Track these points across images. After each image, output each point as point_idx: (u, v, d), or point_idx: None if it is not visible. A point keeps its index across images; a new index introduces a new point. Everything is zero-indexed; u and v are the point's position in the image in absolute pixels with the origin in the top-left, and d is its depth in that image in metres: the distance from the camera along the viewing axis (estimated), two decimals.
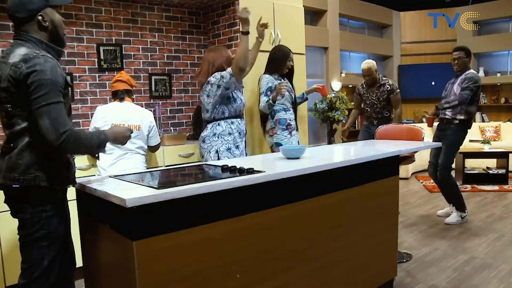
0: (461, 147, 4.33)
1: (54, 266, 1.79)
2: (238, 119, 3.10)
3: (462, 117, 4.02)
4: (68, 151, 1.75)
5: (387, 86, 4.47)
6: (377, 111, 4.53)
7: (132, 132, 2.03)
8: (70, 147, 1.66)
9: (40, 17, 1.72)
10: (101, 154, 2.83)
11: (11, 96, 1.66)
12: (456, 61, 4.06)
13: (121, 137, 1.95)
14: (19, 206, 1.75)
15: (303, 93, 3.80)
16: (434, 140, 4.28)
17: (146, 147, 3.05)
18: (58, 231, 1.80)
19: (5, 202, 1.80)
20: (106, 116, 2.88)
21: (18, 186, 1.71)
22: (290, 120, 3.47)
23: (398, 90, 4.52)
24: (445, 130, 4.11)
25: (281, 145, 3.36)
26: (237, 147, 3.07)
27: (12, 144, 1.72)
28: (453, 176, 4.35)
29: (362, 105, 4.75)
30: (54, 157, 1.76)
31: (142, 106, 3.91)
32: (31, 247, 1.76)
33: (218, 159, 2.96)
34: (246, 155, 3.24)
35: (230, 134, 3.03)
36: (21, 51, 1.66)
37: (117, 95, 3.02)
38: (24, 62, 1.62)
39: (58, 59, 1.80)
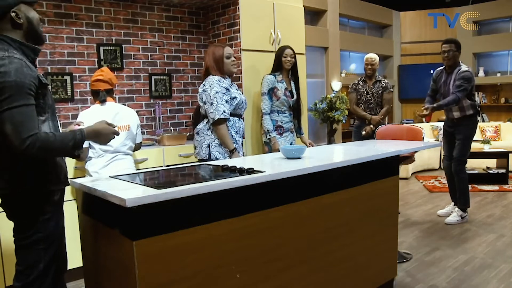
0: None
1: (50, 269, 1.77)
2: (236, 118, 3.09)
3: (471, 112, 4.08)
4: (37, 156, 1.60)
5: (383, 83, 4.53)
6: (371, 107, 4.54)
7: (118, 134, 1.89)
8: (36, 152, 1.55)
9: (13, 14, 1.63)
10: (92, 158, 2.81)
11: None
12: (446, 54, 4.02)
13: (103, 136, 1.80)
14: (15, 210, 1.72)
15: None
16: (443, 136, 4.35)
17: (134, 146, 3.03)
18: (55, 234, 1.79)
19: (0, 205, 1.78)
20: (94, 122, 2.84)
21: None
22: (281, 122, 3.56)
23: (392, 90, 4.63)
24: (457, 126, 4.15)
25: (268, 144, 3.54)
26: None
27: None
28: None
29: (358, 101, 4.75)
30: (39, 160, 1.69)
31: (142, 107, 3.92)
32: (27, 250, 1.73)
33: (209, 153, 2.97)
34: (243, 155, 3.25)
35: None
36: None
37: (98, 97, 2.90)
38: None
39: (35, 57, 1.73)
